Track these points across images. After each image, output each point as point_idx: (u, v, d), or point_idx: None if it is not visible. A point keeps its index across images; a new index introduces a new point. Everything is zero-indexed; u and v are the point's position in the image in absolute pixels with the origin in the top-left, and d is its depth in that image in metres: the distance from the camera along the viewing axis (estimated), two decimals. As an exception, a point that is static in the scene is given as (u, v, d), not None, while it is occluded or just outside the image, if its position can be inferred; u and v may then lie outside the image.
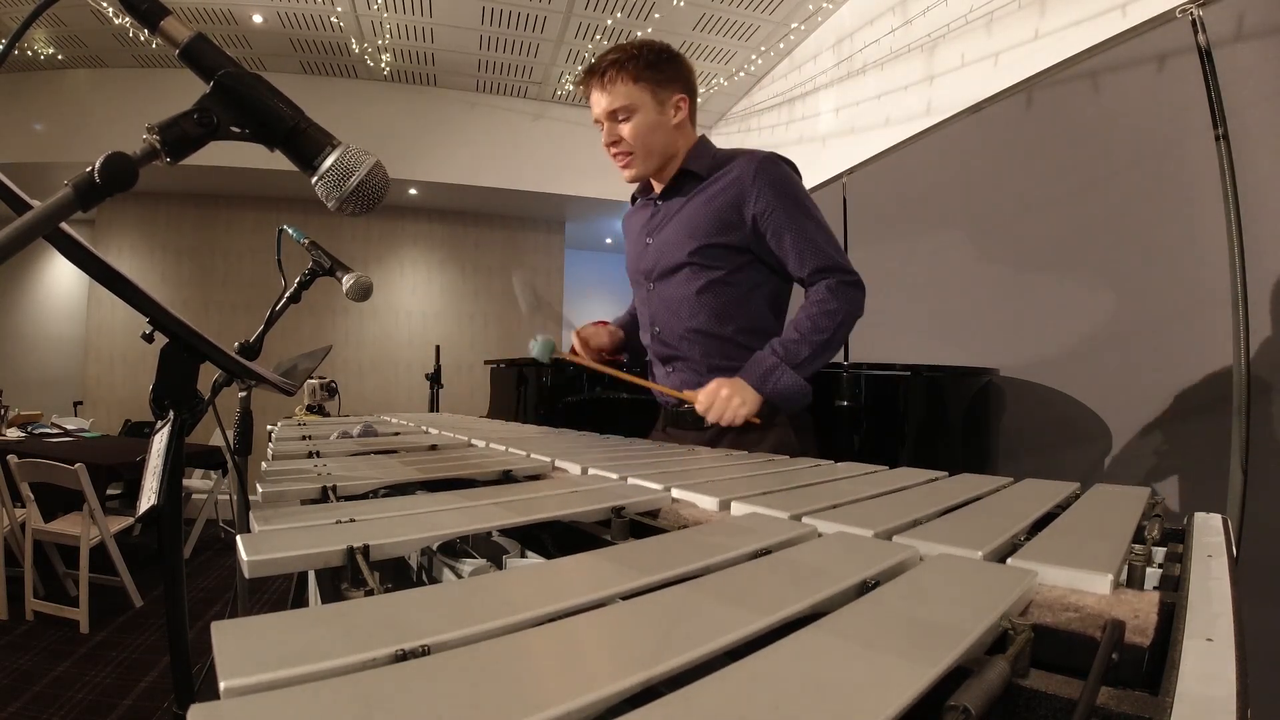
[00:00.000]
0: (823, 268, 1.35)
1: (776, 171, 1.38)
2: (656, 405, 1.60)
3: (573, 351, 1.57)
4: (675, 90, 1.41)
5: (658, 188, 1.52)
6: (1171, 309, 1.97)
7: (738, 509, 0.66)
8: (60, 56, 4.71)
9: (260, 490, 0.70)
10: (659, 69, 1.38)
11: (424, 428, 1.60)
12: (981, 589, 0.40)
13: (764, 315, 1.44)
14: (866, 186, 3.48)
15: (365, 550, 0.47)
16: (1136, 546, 0.48)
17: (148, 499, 0.65)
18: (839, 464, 1.00)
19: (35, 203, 0.49)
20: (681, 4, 4.04)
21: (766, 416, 1.32)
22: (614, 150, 1.42)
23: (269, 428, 1.60)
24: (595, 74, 1.40)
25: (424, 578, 0.65)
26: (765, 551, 0.50)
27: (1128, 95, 2.13)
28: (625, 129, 1.39)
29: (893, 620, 0.36)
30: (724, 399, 1.30)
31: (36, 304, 6.35)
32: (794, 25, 4.14)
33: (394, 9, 4.20)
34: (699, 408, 1.33)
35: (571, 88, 5.17)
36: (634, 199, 1.64)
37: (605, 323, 1.65)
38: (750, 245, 1.39)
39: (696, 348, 1.44)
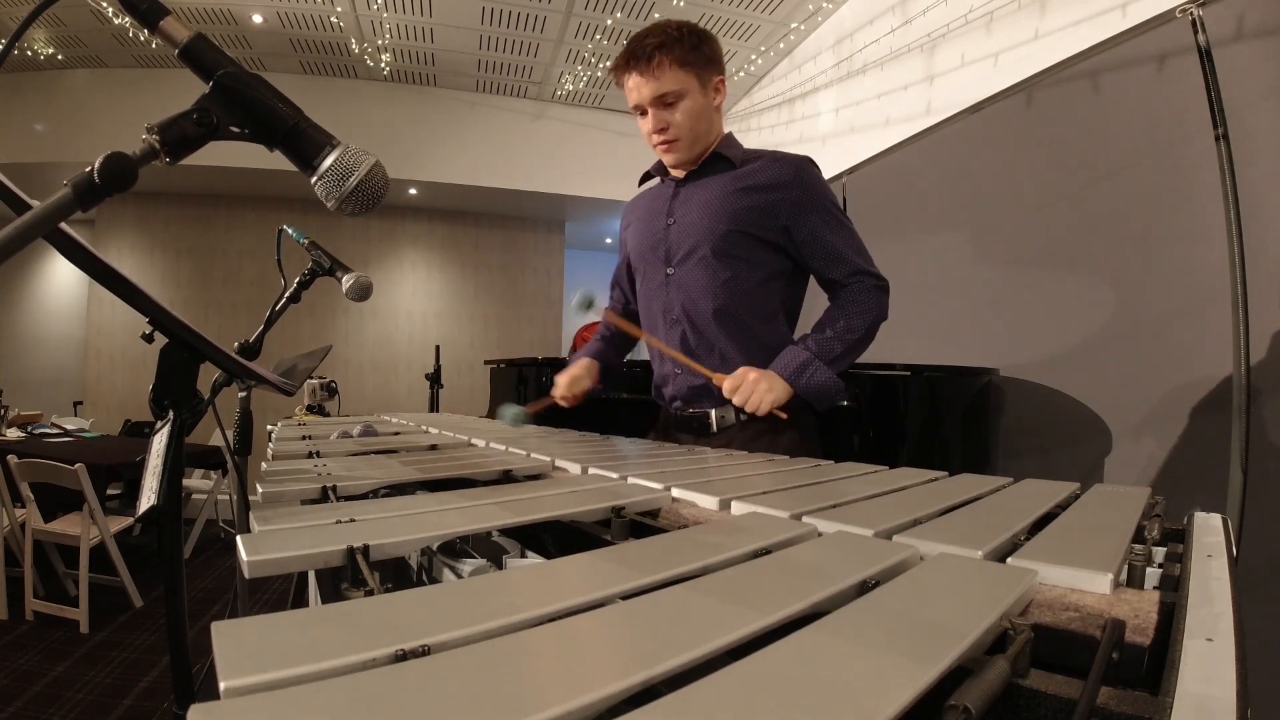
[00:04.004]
0: (857, 271, 1.38)
1: (816, 175, 1.41)
2: (658, 406, 1.59)
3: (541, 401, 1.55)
4: (715, 72, 1.38)
5: (680, 171, 1.48)
6: (1171, 309, 1.97)
7: (738, 508, 0.66)
8: (60, 56, 4.70)
9: (260, 490, 0.70)
10: (701, 51, 1.35)
11: (424, 428, 1.60)
12: (981, 588, 0.40)
13: (777, 311, 1.43)
14: (866, 186, 3.48)
15: (365, 550, 0.47)
16: (1136, 546, 0.48)
17: (148, 499, 0.65)
18: (839, 464, 1.00)
19: (35, 203, 0.49)
20: (681, 4, 4.04)
21: (792, 414, 1.30)
22: (660, 137, 1.39)
23: (269, 428, 1.60)
24: (639, 59, 1.33)
25: (424, 578, 0.65)
26: (765, 551, 0.50)
27: (1128, 95, 2.13)
28: (676, 115, 1.35)
29: (893, 620, 0.36)
30: (751, 382, 1.28)
31: (36, 304, 6.35)
32: (794, 25, 4.14)
33: (394, 9, 4.20)
34: (725, 389, 1.31)
35: (571, 87, 5.17)
36: (642, 181, 1.59)
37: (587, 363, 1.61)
38: (779, 240, 1.39)
39: (716, 337, 1.41)
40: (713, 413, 1.41)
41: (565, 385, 1.55)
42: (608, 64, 4.82)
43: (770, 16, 4.11)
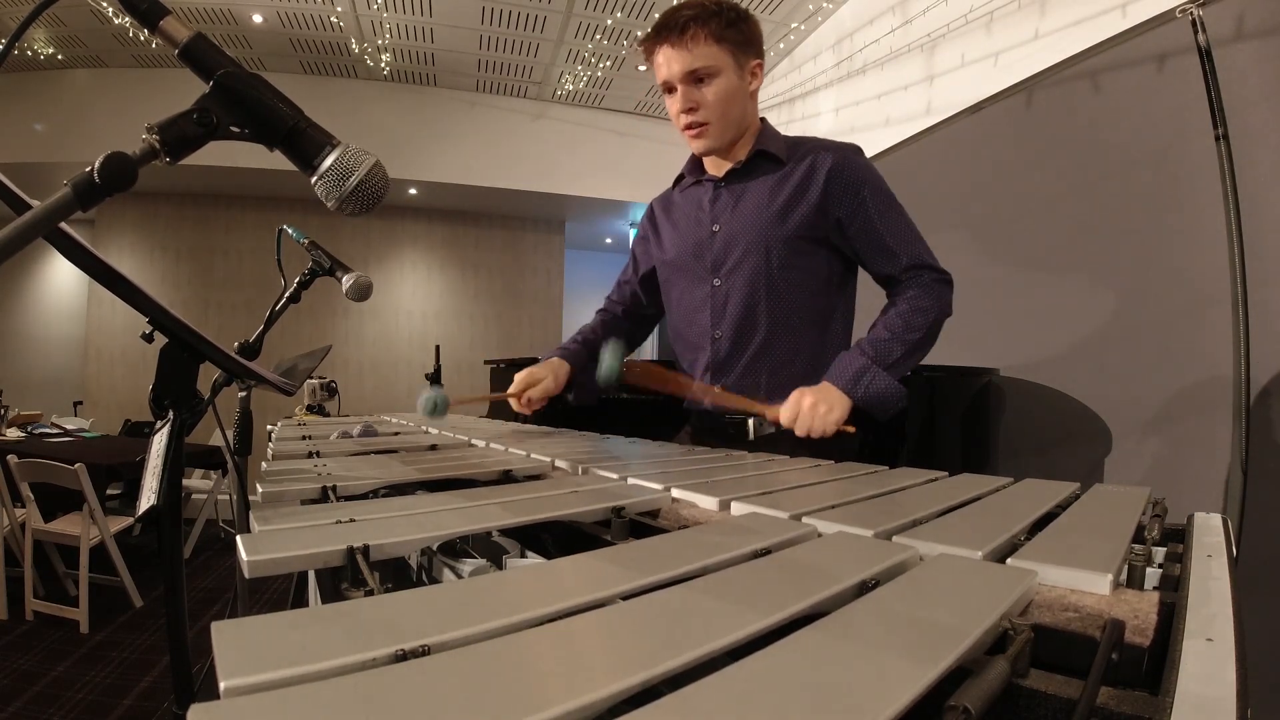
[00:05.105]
0: (916, 265, 1.28)
1: (865, 164, 1.32)
2: (662, 405, 1.57)
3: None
4: (753, 54, 1.29)
5: (719, 168, 1.37)
6: (1171, 309, 1.97)
7: (738, 509, 0.66)
8: (60, 56, 4.70)
9: (260, 490, 0.70)
10: (739, 29, 1.25)
11: (424, 428, 1.60)
12: (981, 589, 0.40)
13: (829, 323, 1.35)
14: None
15: (365, 550, 0.47)
16: (1136, 546, 0.48)
17: (147, 499, 0.65)
18: (839, 464, 1.00)
19: (35, 203, 0.49)
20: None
21: (858, 424, 1.20)
22: (689, 118, 1.28)
23: (269, 428, 1.60)
24: (671, 30, 1.23)
25: (424, 578, 0.65)
26: (765, 551, 0.50)
27: (1128, 95, 2.13)
28: (706, 93, 1.25)
29: (893, 620, 0.36)
30: (809, 408, 1.16)
31: (36, 304, 6.35)
32: (794, 25, 4.14)
33: (394, 9, 4.20)
34: (784, 421, 1.18)
35: (571, 87, 5.17)
36: (677, 181, 1.49)
37: (556, 359, 1.47)
38: (833, 239, 1.30)
39: (765, 351, 1.31)
40: (750, 421, 1.33)
41: (522, 382, 1.39)
42: (608, 64, 4.82)
43: (770, 16, 4.11)
